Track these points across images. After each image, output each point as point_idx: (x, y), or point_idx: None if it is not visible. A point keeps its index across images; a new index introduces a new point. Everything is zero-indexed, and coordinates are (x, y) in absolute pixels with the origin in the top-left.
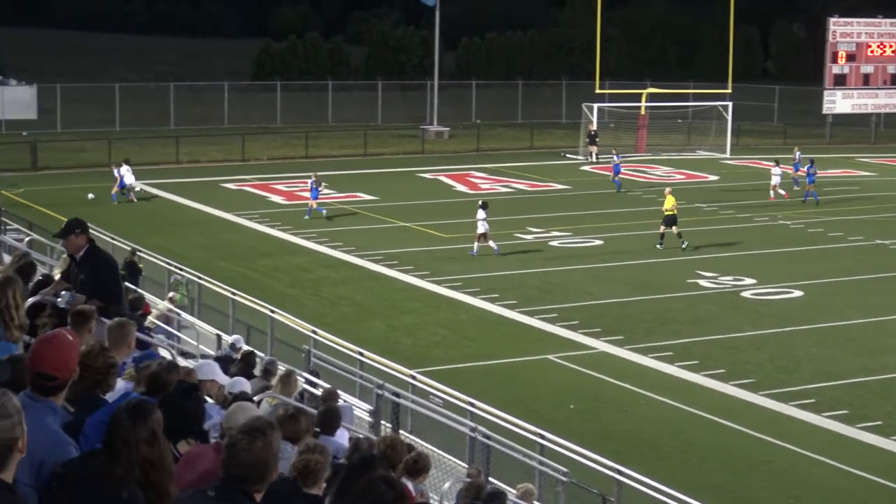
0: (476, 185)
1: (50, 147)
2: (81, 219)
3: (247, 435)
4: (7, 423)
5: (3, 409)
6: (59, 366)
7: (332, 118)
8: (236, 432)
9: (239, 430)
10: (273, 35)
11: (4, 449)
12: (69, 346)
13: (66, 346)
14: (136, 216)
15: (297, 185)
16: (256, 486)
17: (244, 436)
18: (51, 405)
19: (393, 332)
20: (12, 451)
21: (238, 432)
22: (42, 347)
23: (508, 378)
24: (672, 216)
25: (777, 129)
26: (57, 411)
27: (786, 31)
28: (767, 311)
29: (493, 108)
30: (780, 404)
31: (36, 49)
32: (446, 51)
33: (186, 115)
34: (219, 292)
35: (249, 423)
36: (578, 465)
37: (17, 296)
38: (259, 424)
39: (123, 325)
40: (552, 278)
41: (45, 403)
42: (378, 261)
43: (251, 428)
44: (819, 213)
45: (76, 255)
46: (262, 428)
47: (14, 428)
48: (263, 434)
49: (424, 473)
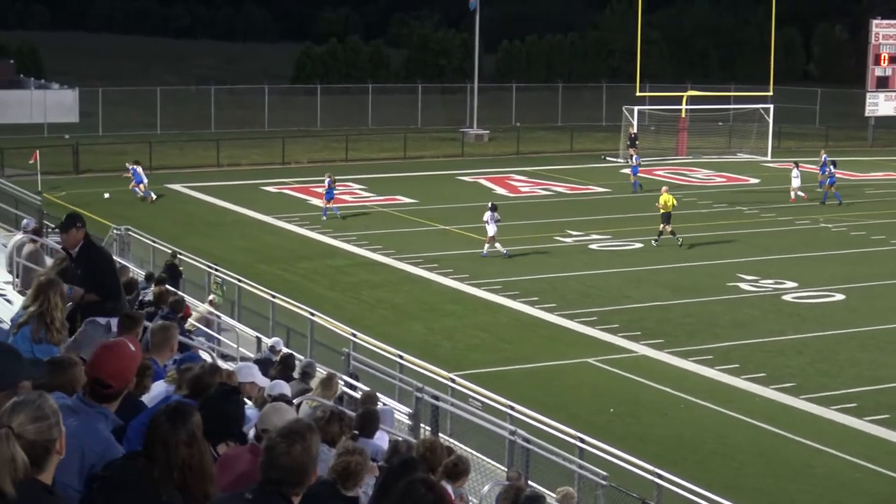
0: (516, 188)
1: (91, 150)
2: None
3: (286, 438)
4: (44, 425)
5: (40, 410)
6: (116, 374)
7: (372, 121)
8: (275, 435)
9: (278, 434)
10: (313, 38)
11: (42, 451)
12: (129, 357)
13: (127, 356)
14: (176, 219)
15: (338, 187)
16: (295, 489)
17: (283, 439)
18: (103, 411)
19: (432, 335)
20: (50, 453)
21: (277, 435)
22: (102, 354)
23: (548, 381)
24: (667, 214)
25: (819, 132)
26: (109, 417)
27: (828, 34)
28: (809, 315)
29: (533, 111)
30: (821, 408)
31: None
32: (486, 53)
33: (227, 119)
34: (259, 295)
35: (288, 426)
36: (618, 469)
37: (58, 298)
38: (298, 427)
39: (167, 329)
40: (592, 281)
41: (97, 409)
42: (417, 264)
43: (290, 431)
44: (861, 216)
45: (72, 249)
46: (301, 431)
47: (51, 429)
48: (303, 437)
49: (464, 477)
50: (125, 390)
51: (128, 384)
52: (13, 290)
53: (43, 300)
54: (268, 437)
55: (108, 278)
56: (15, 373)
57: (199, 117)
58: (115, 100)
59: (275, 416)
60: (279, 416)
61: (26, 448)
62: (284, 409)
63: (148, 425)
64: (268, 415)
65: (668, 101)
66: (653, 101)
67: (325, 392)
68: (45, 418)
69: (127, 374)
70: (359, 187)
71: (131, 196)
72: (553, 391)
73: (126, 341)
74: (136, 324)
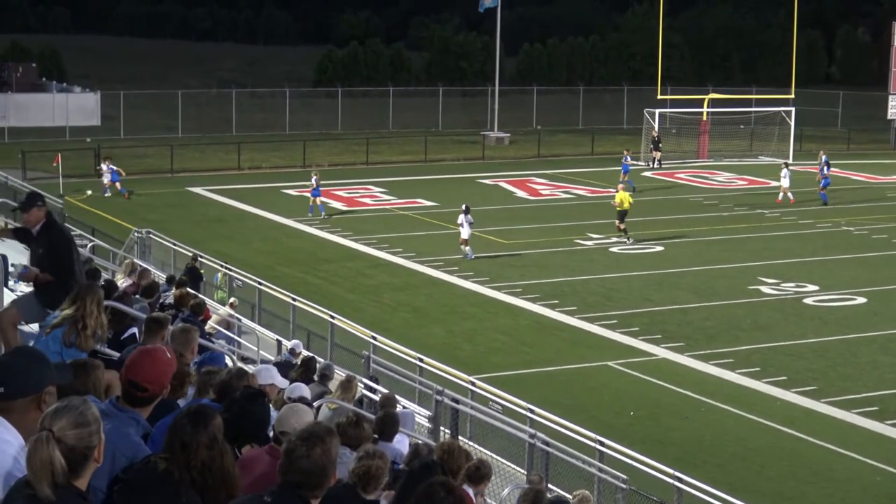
0: (536, 191)
1: (113, 153)
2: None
3: (305, 441)
4: (85, 431)
5: (83, 416)
6: (152, 379)
7: (393, 124)
8: (295, 438)
9: (297, 437)
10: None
11: (81, 457)
12: (166, 363)
13: (164, 362)
14: (197, 222)
15: (358, 190)
16: (314, 492)
17: (303, 442)
18: (135, 416)
19: (452, 338)
20: (88, 460)
21: (297, 438)
22: (139, 358)
23: (568, 384)
24: (623, 212)
25: (841, 135)
26: (140, 423)
27: (850, 36)
28: (830, 318)
29: (554, 114)
30: (842, 412)
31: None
32: (507, 56)
33: (248, 122)
34: (280, 298)
35: (308, 429)
36: (638, 472)
37: (94, 305)
38: (318, 431)
39: (187, 331)
40: (612, 284)
41: (129, 413)
42: (438, 267)
43: (310, 434)
44: (883, 219)
45: (33, 228)
46: (321, 434)
47: (92, 436)
48: (322, 441)
49: (486, 480)
50: (159, 396)
51: (163, 389)
52: None
53: (80, 305)
54: (287, 440)
55: (65, 259)
56: (42, 377)
57: (220, 120)
58: (137, 103)
59: (293, 418)
60: (297, 418)
61: (65, 453)
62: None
63: (169, 428)
64: (286, 416)
65: (690, 104)
66: (674, 103)
67: (345, 395)
68: (86, 425)
69: (163, 380)
70: (379, 190)
71: (149, 199)
72: (573, 394)
73: (164, 348)
74: (161, 326)
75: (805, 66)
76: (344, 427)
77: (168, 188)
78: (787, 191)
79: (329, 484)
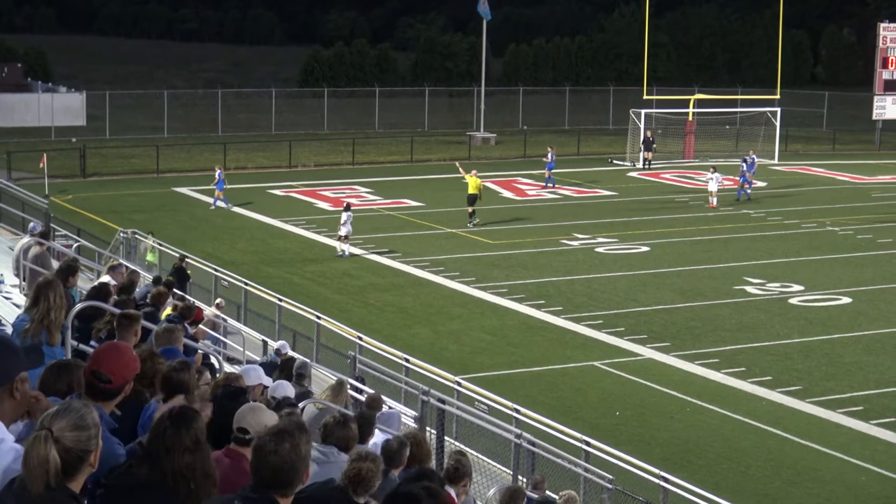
0: (522, 191)
1: (99, 154)
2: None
3: (274, 437)
4: (83, 435)
5: (82, 420)
6: (115, 370)
7: (379, 124)
8: (264, 434)
9: (267, 433)
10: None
11: (76, 459)
12: (131, 357)
13: (128, 356)
14: (183, 222)
15: (344, 191)
16: (283, 490)
17: (271, 438)
18: (98, 410)
19: (438, 339)
20: (83, 463)
21: (266, 435)
22: (105, 349)
23: (554, 385)
24: (473, 196)
25: (826, 136)
26: (104, 418)
27: (836, 37)
28: (815, 318)
29: (540, 115)
30: (827, 412)
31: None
32: (493, 57)
33: (234, 122)
34: (266, 298)
35: (278, 425)
36: (624, 472)
37: (57, 299)
38: (287, 427)
39: (171, 331)
40: (598, 285)
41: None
42: (424, 267)
43: (279, 430)
44: (867, 219)
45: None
46: (290, 430)
47: (89, 440)
48: (291, 436)
49: (466, 478)
50: (122, 391)
51: (126, 383)
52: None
53: (42, 301)
54: (257, 437)
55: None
56: (12, 367)
57: (206, 121)
58: (123, 103)
59: (250, 415)
60: (254, 415)
61: (61, 453)
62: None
63: (151, 430)
64: (243, 413)
65: (676, 105)
66: (660, 104)
67: (337, 399)
68: (85, 428)
69: (126, 373)
70: (365, 190)
71: (135, 200)
72: (559, 394)
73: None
74: (133, 321)
75: (790, 66)
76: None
77: (154, 188)
78: (714, 194)
79: (299, 482)
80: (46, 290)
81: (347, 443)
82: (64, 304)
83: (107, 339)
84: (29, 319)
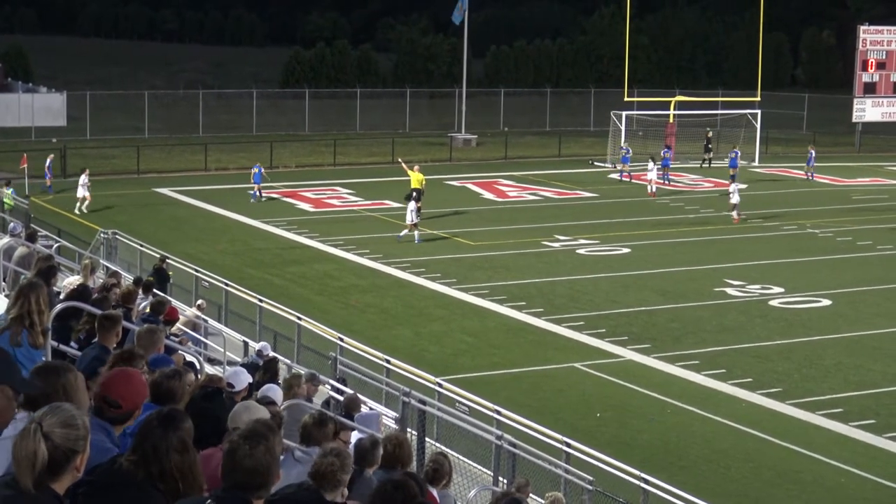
0: (504, 192)
1: (79, 154)
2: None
3: (248, 440)
4: (72, 433)
5: (73, 419)
6: (126, 396)
7: (360, 126)
8: (236, 437)
9: (239, 436)
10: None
11: (63, 457)
12: (142, 383)
13: (139, 382)
14: (164, 223)
15: (326, 192)
16: (258, 492)
17: (245, 441)
18: (105, 426)
19: (420, 340)
20: (69, 462)
21: (238, 437)
22: (116, 375)
23: (535, 386)
24: (418, 190)
25: (806, 138)
26: (111, 434)
27: (815, 39)
28: (795, 320)
29: (521, 116)
30: (807, 414)
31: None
32: (475, 59)
33: (215, 123)
34: (246, 299)
35: (250, 427)
36: (604, 474)
37: (40, 301)
38: (260, 429)
39: (153, 332)
40: (579, 286)
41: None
42: (405, 268)
43: (252, 433)
44: (848, 221)
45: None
46: (263, 432)
47: (78, 440)
48: (265, 438)
49: (446, 478)
50: (132, 416)
51: (135, 409)
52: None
53: (23, 303)
54: (229, 439)
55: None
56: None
57: (187, 121)
58: (103, 104)
59: (245, 414)
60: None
61: (49, 449)
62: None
63: (138, 431)
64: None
65: (657, 107)
66: (641, 106)
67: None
68: (75, 427)
69: (137, 399)
70: (346, 191)
71: (113, 201)
72: (540, 396)
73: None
74: (114, 324)
75: (771, 69)
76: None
77: (134, 189)
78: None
79: (272, 483)
80: (28, 291)
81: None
82: (47, 308)
83: (86, 339)
84: (8, 319)
